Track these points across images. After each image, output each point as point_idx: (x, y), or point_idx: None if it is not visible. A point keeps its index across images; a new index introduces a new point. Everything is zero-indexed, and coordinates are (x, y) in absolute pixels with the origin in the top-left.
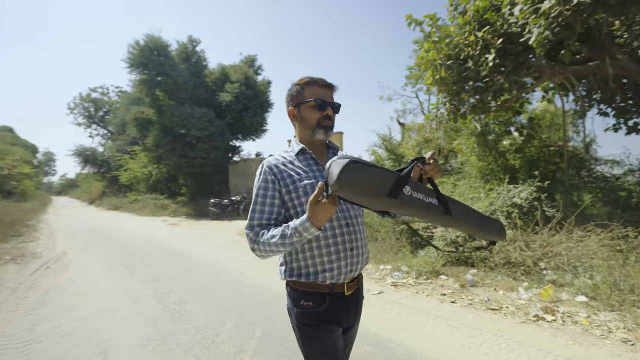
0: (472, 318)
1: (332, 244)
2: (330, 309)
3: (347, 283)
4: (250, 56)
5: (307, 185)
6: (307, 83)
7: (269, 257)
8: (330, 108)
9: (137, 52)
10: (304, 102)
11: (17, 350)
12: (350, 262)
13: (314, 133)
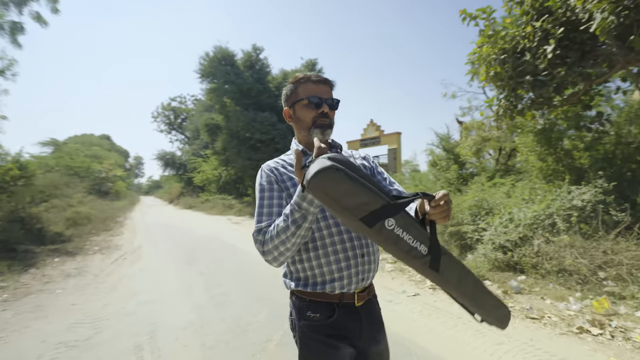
0: (537, 339)
1: (341, 250)
2: (340, 321)
3: (358, 293)
4: (310, 60)
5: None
6: (300, 80)
7: (280, 261)
8: (326, 105)
9: (207, 63)
10: (298, 101)
11: (89, 324)
12: (361, 270)
13: (310, 133)
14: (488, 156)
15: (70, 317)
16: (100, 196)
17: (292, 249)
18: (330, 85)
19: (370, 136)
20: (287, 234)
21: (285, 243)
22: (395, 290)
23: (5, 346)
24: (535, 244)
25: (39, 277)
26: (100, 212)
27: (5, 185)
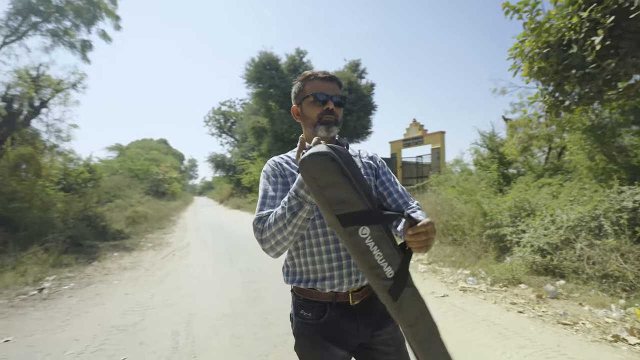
0: (533, 330)
1: (334, 249)
2: (332, 322)
3: (353, 292)
4: (354, 61)
5: None
6: (307, 78)
7: (277, 251)
8: (331, 102)
9: (252, 68)
10: (305, 98)
11: (137, 312)
12: (354, 271)
13: (315, 130)
14: (539, 154)
15: (123, 305)
16: (157, 197)
17: (289, 238)
18: (338, 83)
19: (413, 136)
20: (283, 221)
21: (282, 231)
22: (424, 291)
23: (69, 327)
24: (577, 247)
25: (100, 269)
26: (156, 211)
27: (77, 186)
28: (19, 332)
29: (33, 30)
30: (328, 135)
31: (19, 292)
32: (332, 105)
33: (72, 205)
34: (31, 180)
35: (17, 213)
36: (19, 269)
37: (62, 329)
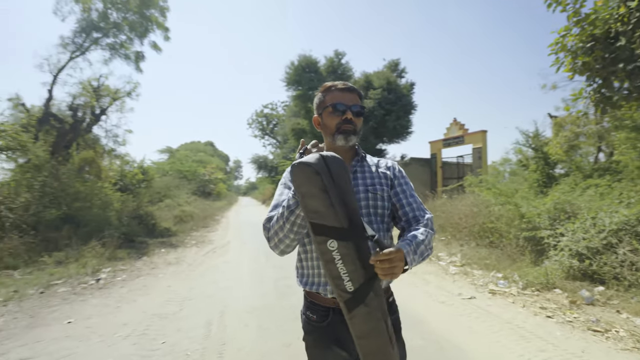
0: (559, 335)
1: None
2: (334, 326)
3: None
4: (393, 60)
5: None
6: (328, 89)
7: (280, 248)
8: (350, 112)
9: (292, 71)
10: (325, 108)
11: (177, 303)
12: None
13: (334, 139)
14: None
15: (165, 295)
16: (203, 197)
17: (289, 236)
18: (357, 94)
19: (454, 135)
20: (282, 219)
21: (283, 229)
22: (451, 293)
23: (120, 313)
24: (620, 252)
25: (148, 263)
26: (202, 211)
27: (132, 187)
28: (79, 315)
29: (94, 45)
30: (346, 144)
31: (80, 281)
32: (350, 114)
33: (127, 204)
34: (92, 182)
35: (80, 211)
36: (81, 261)
37: (113, 315)
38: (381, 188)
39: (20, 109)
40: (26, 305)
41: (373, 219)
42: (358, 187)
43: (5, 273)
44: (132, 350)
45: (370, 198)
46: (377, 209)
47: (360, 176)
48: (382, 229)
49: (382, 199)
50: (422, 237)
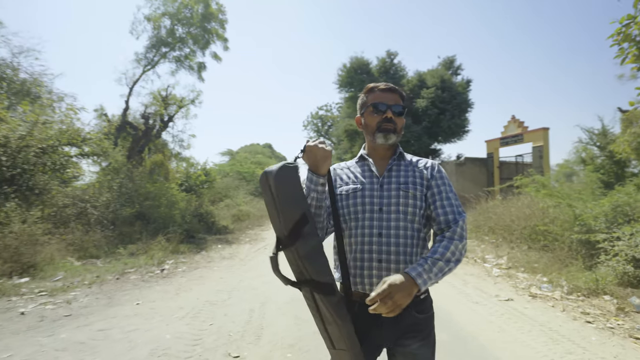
0: (594, 340)
1: (359, 250)
2: (357, 316)
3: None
4: (448, 58)
5: (348, 190)
6: (370, 90)
7: None
8: (390, 111)
9: (344, 73)
10: (366, 108)
11: (226, 292)
12: (377, 274)
13: (374, 138)
14: None
15: (217, 286)
16: (260, 197)
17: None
18: (399, 94)
19: (512, 134)
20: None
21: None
22: (489, 294)
23: (178, 298)
24: None
25: (205, 257)
26: (258, 210)
27: (195, 188)
28: (146, 298)
29: (163, 59)
30: (386, 142)
31: (148, 271)
32: (390, 114)
33: (190, 203)
34: (161, 183)
35: (150, 210)
36: (149, 253)
37: (173, 300)
38: (414, 187)
39: (103, 119)
40: (105, 288)
41: (402, 217)
42: (391, 185)
43: (90, 262)
44: (185, 329)
45: (401, 196)
46: (407, 207)
47: (395, 174)
48: (409, 228)
49: (414, 198)
50: (442, 251)
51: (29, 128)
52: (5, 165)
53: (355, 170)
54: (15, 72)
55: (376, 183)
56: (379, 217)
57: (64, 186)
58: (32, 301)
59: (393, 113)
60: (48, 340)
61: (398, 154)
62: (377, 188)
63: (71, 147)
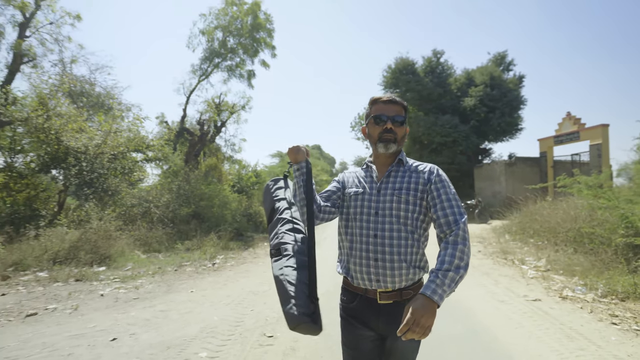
0: (613, 340)
1: (358, 249)
2: (359, 309)
3: (380, 292)
4: (499, 53)
5: (351, 193)
6: (373, 102)
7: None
8: (390, 122)
9: (389, 74)
10: (369, 120)
11: (267, 284)
12: (374, 272)
13: (376, 147)
14: None
15: (260, 278)
16: None
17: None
18: (400, 105)
19: (567, 131)
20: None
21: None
22: (517, 294)
23: (226, 288)
24: None
25: (252, 254)
26: None
27: (247, 189)
28: (198, 287)
29: (216, 69)
30: (386, 151)
31: (201, 264)
32: (390, 124)
33: (241, 204)
34: (215, 185)
35: (204, 209)
36: (202, 249)
37: (221, 289)
38: (407, 192)
39: (164, 125)
40: (165, 277)
41: (395, 220)
42: (387, 191)
43: (153, 255)
44: (230, 313)
45: (394, 201)
46: (400, 211)
47: (392, 180)
48: (403, 230)
49: (407, 203)
50: (450, 259)
51: (104, 137)
52: (85, 170)
53: (360, 176)
54: (92, 87)
55: (375, 188)
56: (374, 220)
57: (131, 188)
58: (108, 286)
59: (394, 123)
60: (122, 317)
61: (397, 161)
62: (375, 193)
63: (137, 153)
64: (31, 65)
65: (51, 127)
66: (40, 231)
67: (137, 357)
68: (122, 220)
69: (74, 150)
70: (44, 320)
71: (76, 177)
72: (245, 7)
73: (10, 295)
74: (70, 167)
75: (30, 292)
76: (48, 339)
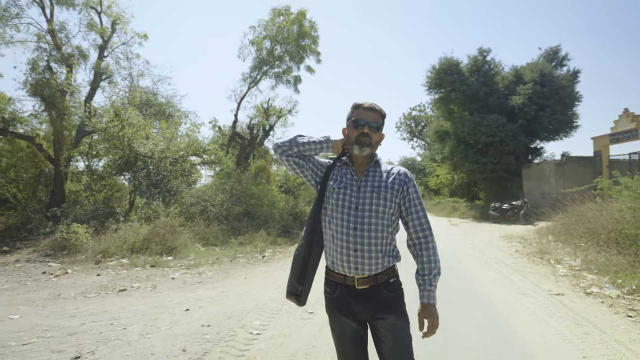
0: (621, 329)
1: (340, 240)
2: (341, 298)
3: (358, 279)
4: (551, 48)
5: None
6: (356, 107)
7: (284, 148)
8: (367, 127)
9: (433, 75)
10: (349, 122)
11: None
12: (354, 261)
13: (352, 148)
14: None
15: None
16: None
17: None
18: (379, 112)
19: (624, 129)
20: (308, 144)
21: (294, 143)
22: (541, 289)
23: (273, 276)
24: None
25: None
26: None
27: (293, 189)
28: (251, 275)
29: (264, 76)
30: (360, 153)
31: (253, 257)
32: (366, 129)
33: (288, 203)
34: (264, 185)
35: (254, 208)
36: (253, 243)
37: (270, 276)
38: (385, 190)
39: (217, 130)
40: (222, 266)
41: (374, 215)
42: (367, 188)
43: (211, 248)
44: (278, 294)
45: (374, 197)
46: (379, 206)
47: (370, 179)
48: (380, 224)
49: (385, 199)
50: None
51: (167, 143)
52: (152, 173)
53: (339, 172)
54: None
55: (355, 185)
56: (355, 214)
57: (189, 188)
58: (176, 271)
59: (370, 128)
60: (191, 295)
61: (374, 162)
62: (355, 190)
63: (196, 156)
64: (107, 81)
65: (125, 135)
66: (120, 225)
67: (207, 322)
68: (183, 217)
69: (142, 155)
70: (132, 295)
71: (145, 178)
72: (292, 17)
73: (103, 276)
74: (139, 170)
75: (117, 274)
76: (138, 307)
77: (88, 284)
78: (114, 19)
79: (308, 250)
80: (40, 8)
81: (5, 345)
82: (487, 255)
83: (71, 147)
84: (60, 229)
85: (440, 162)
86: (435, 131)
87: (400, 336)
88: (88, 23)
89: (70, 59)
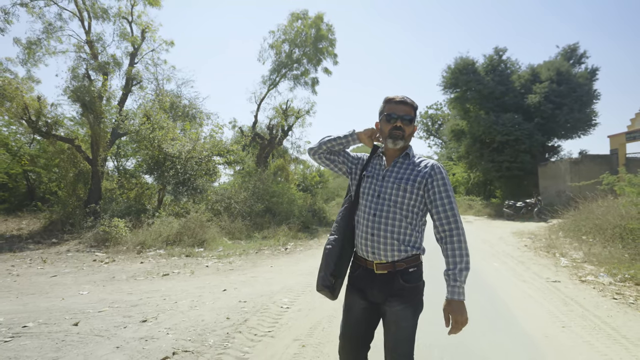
0: (604, 308)
1: (362, 225)
2: (359, 277)
3: (377, 264)
4: (569, 46)
5: (365, 175)
6: (387, 101)
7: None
8: (399, 120)
9: (448, 75)
10: (382, 117)
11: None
12: (370, 245)
13: (386, 142)
14: None
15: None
16: None
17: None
18: (411, 105)
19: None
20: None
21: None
22: (540, 276)
23: (297, 265)
24: None
25: (317, 242)
26: None
27: (311, 188)
28: (276, 264)
29: (283, 78)
30: (394, 146)
31: (276, 249)
32: (399, 123)
33: (306, 201)
34: (283, 184)
35: (275, 205)
36: (276, 237)
37: (294, 266)
38: (407, 182)
39: (237, 130)
40: (249, 257)
41: (392, 204)
42: (390, 178)
43: (237, 241)
44: (301, 280)
45: (394, 188)
46: (398, 197)
47: (396, 170)
48: (398, 213)
49: (405, 191)
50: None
51: (192, 144)
52: (180, 172)
53: (374, 163)
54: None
55: (380, 175)
56: (376, 201)
57: (213, 187)
58: (209, 260)
59: (402, 121)
60: (225, 279)
61: (404, 154)
62: (380, 179)
63: (219, 156)
64: (138, 86)
65: (154, 137)
66: (154, 220)
67: (243, 299)
68: (210, 213)
69: (170, 156)
70: (174, 278)
71: (173, 177)
72: (309, 21)
73: (146, 263)
74: (168, 169)
75: (157, 262)
76: (183, 288)
77: (135, 270)
78: (144, 27)
79: (341, 244)
80: (79, 21)
81: (85, 312)
82: (495, 249)
83: (107, 148)
84: (102, 223)
85: (456, 160)
86: (451, 130)
87: (403, 326)
88: (121, 32)
89: (106, 66)
